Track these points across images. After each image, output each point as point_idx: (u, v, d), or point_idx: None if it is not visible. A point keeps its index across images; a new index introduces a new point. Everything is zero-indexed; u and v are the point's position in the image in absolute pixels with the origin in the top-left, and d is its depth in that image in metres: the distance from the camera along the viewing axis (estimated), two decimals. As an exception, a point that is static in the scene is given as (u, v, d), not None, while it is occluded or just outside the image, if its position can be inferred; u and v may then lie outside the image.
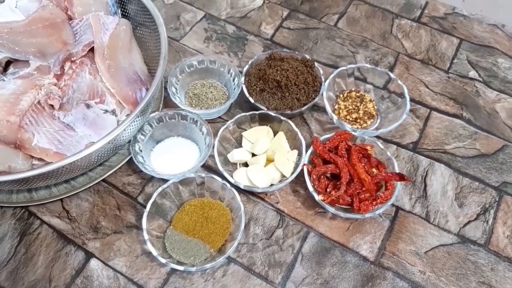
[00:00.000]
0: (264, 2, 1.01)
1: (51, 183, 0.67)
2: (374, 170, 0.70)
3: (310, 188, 0.69)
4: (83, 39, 0.75)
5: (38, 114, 0.67)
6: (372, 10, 1.00)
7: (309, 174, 0.70)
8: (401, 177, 0.68)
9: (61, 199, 0.73)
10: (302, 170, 0.71)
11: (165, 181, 0.73)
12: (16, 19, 0.79)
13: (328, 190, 0.70)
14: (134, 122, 0.65)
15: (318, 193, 0.69)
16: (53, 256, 0.68)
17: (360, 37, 0.95)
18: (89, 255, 0.68)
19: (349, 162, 0.70)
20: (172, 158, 0.76)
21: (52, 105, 0.70)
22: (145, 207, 0.72)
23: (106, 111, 0.70)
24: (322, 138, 0.74)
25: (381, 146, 0.73)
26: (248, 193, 0.74)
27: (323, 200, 0.67)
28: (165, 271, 0.67)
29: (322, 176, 0.70)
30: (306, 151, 0.73)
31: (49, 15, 0.77)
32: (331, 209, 0.68)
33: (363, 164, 0.70)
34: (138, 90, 0.73)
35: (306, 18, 0.98)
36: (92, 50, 0.75)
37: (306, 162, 0.71)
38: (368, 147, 0.72)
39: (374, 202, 0.67)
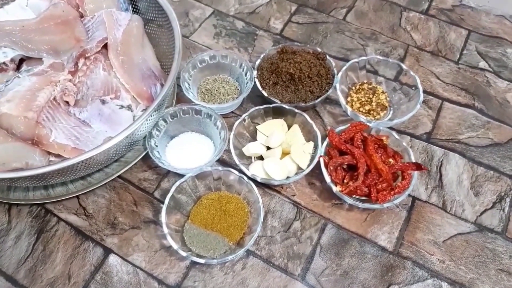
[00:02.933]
0: (271, -3, 1.02)
1: (69, 179, 0.67)
2: (391, 160, 0.70)
3: (328, 180, 0.69)
4: (96, 35, 0.75)
5: (55, 110, 0.67)
6: (380, 4, 1.00)
7: (326, 165, 0.70)
8: (418, 166, 0.68)
9: (77, 196, 0.73)
10: (317, 163, 0.71)
11: (180, 176, 0.73)
12: (27, 17, 0.79)
13: (345, 181, 0.70)
14: (150, 116, 0.65)
15: (336, 184, 0.69)
16: (72, 253, 0.68)
17: (369, 30, 0.95)
18: (107, 251, 0.68)
19: (365, 152, 0.70)
20: (187, 153, 0.76)
21: (67, 102, 0.69)
22: (161, 202, 0.72)
23: (122, 106, 0.70)
24: (337, 129, 0.74)
25: (396, 136, 0.73)
26: (264, 186, 0.74)
27: (341, 191, 0.67)
28: (185, 265, 0.67)
29: (339, 167, 0.70)
30: (322, 143, 0.73)
31: (61, 12, 0.77)
32: (349, 200, 0.68)
33: (380, 155, 0.70)
34: (153, 85, 0.73)
35: (314, 12, 0.99)
36: (105, 46, 0.75)
37: (322, 154, 0.71)
38: (384, 138, 0.72)
39: (392, 192, 0.67)
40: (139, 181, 0.75)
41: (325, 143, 0.73)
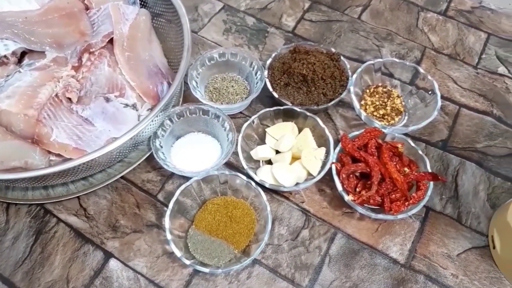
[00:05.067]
0: (284, -7, 0.98)
1: (69, 180, 0.65)
2: (406, 169, 0.67)
3: (339, 188, 0.66)
4: (101, 29, 0.72)
5: (56, 107, 0.64)
6: (396, 3, 0.96)
7: (338, 173, 0.67)
8: (434, 177, 0.65)
9: (78, 197, 0.70)
10: (328, 169, 0.68)
11: (185, 178, 0.71)
12: (30, 8, 0.76)
13: (357, 189, 0.67)
14: (157, 117, 0.62)
15: (348, 193, 0.66)
16: (71, 256, 0.66)
17: (385, 30, 0.92)
18: (108, 255, 0.66)
19: (379, 160, 0.67)
20: (193, 154, 0.73)
21: (69, 99, 0.67)
22: (165, 205, 0.70)
23: (127, 105, 0.67)
24: (350, 135, 0.70)
25: (412, 144, 0.70)
26: (271, 191, 0.71)
27: (354, 201, 0.65)
28: (187, 272, 0.64)
29: (351, 175, 0.67)
30: (334, 149, 0.70)
31: (66, 4, 0.74)
32: (361, 210, 0.65)
33: (395, 163, 0.67)
34: (159, 83, 0.70)
35: (328, 10, 0.95)
36: (110, 41, 0.72)
37: (334, 160, 0.68)
38: (399, 145, 0.68)
39: (406, 203, 0.64)
40: (142, 182, 0.72)
41: (337, 149, 0.69)
